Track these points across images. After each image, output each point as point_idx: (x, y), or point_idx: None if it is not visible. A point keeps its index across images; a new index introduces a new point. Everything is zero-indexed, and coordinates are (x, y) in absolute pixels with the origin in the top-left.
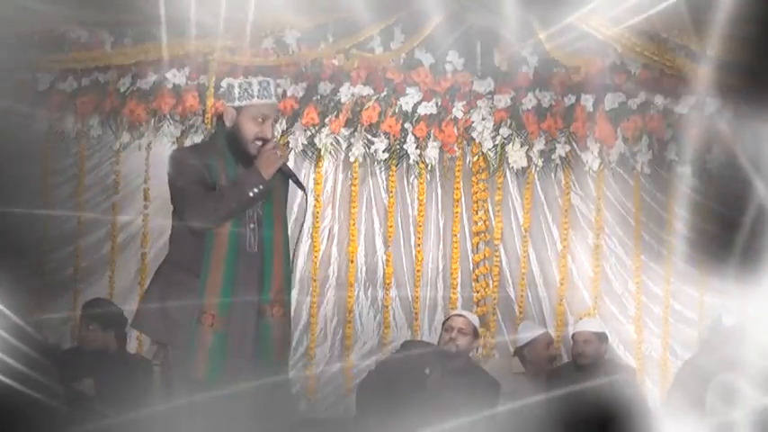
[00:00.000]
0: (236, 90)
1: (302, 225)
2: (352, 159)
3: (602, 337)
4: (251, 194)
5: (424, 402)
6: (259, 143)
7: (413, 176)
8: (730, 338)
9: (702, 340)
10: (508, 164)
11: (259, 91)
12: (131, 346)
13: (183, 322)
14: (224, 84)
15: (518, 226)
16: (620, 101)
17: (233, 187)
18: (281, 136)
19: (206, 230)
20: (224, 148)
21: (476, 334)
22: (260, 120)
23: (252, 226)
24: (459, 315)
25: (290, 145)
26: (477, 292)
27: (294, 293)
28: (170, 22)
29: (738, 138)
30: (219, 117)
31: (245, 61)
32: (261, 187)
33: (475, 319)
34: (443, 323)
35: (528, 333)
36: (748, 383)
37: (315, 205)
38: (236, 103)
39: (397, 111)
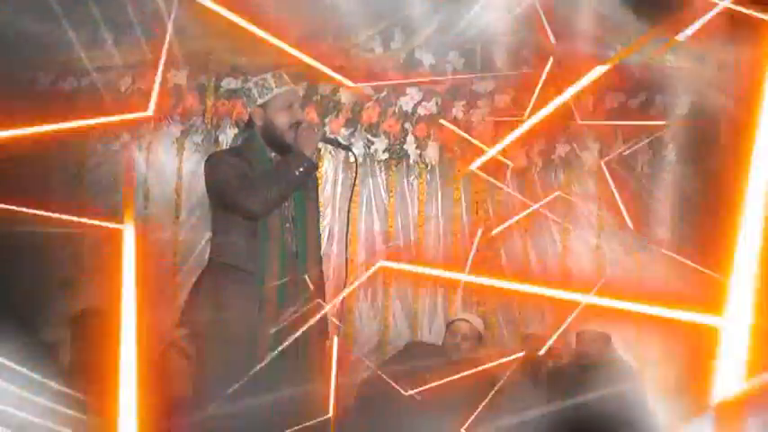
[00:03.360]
0: (254, 90)
1: (352, 189)
2: (352, 159)
3: (606, 338)
4: (297, 173)
5: (425, 405)
6: (294, 130)
7: (413, 176)
8: None
9: None
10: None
11: (275, 81)
12: None
13: (244, 319)
14: (240, 90)
15: (518, 226)
16: (620, 101)
17: (278, 169)
18: None
19: (261, 215)
20: (262, 150)
21: (480, 339)
22: (288, 106)
23: (288, 225)
24: (464, 320)
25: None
26: (478, 292)
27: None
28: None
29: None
30: (248, 123)
31: (246, 61)
32: (305, 165)
33: (480, 324)
34: (447, 325)
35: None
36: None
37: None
38: (259, 101)
39: (397, 111)
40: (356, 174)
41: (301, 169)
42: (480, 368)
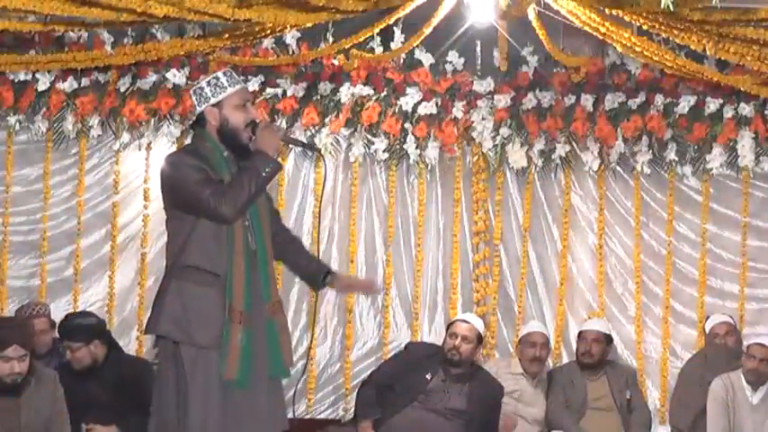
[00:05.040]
0: (207, 89)
1: (321, 199)
2: (352, 159)
3: (608, 339)
4: (264, 174)
5: (425, 406)
6: (249, 129)
7: (413, 176)
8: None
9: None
10: (508, 164)
11: (228, 80)
12: (130, 348)
13: (213, 321)
14: (191, 92)
15: (518, 226)
16: (620, 101)
17: (245, 172)
18: None
19: (233, 221)
20: (215, 148)
21: (480, 340)
22: (242, 105)
23: (246, 223)
24: (464, 321)
25: (290, 145)
26: (477, 292)
27: (294, 293)
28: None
29: None
30: (195, 122)
31: (245, 61)
32: (272, 165)
33: (480, 325)
34: (448, 327)
35: (526, 328)
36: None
37: (315, 205)
38: (213, 101)
39: (397, 111)
40: (324, 179)
41: (268, 170)
42: None
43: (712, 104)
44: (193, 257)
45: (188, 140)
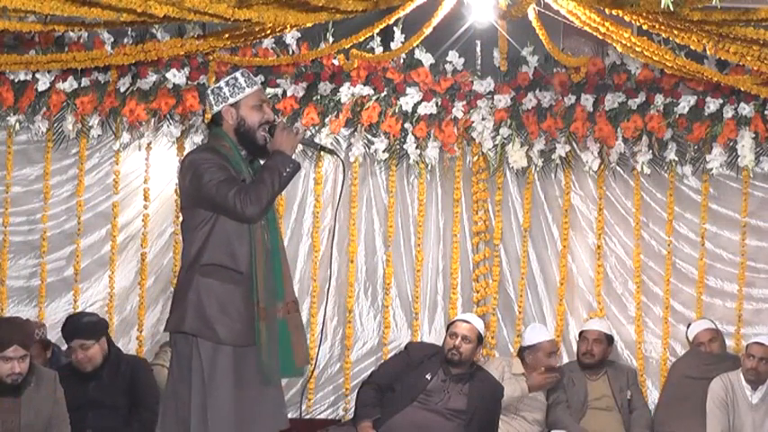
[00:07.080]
0: (225, 89)
1: (339, 198)
2: (352, 159)
3: (610, 340)
4: (285, 173)
5: (425, 406)
6: (264, 129)
7: (413, 176)
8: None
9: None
10: (508, 164)
11: (245, 81)
12: (130, 347)
13: (237, 318)
14: (209, 92)
15: (518, 226)
16: (620, 101)
17: (267, 171)
18: None
19: (257, 220)
20: (233, 147)
21: (480, 340)
22: (259, 106)
23: (263, 222)
24: (465, 321)
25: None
26: (477, 292)
27: (294, 293)
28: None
29: None
30: (211, 122)
31: (245, 61)
32: (292, 165)
33: (480, 325)
34: (448, 326)
35: (534, 336)
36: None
37: (315, 205)
38: (231, 101)
39: (397, 111)
40: (344, 176)
41: (288, 169)
42: None
43: (712, 104)
44: (217, 255)
45: (187, 141)
